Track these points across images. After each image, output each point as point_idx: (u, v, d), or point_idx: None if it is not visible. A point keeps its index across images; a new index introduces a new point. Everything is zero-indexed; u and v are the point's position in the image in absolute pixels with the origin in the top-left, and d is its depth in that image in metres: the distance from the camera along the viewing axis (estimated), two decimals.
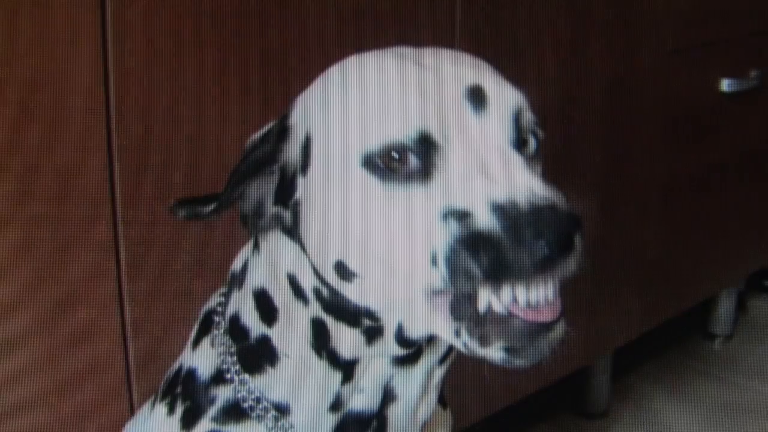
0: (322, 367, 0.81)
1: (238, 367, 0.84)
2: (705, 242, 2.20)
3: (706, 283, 2.30)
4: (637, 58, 1.87)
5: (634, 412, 2.16)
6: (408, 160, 0.71)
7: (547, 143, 0.79)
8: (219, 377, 0.86)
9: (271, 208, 0.79)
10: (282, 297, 0.81)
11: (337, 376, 0.81)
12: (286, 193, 0.78)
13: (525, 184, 0.68)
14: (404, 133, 0.70)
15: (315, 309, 0.79)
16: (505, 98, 0.74)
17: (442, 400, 0.94)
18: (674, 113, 1.99)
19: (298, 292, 0.80)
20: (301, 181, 0.77)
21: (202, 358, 0.88)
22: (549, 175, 0.75)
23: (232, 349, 0.85)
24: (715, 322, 2.51)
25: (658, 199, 2.03)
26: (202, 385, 0.86)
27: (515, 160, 0.71)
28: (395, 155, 0.70)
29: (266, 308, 0.83)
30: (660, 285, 2.10)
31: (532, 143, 0.76)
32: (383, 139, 0.71)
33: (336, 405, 0.82)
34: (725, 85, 2.08)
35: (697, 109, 2.06)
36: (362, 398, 0.83)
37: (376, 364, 0.81)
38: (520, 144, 0.74)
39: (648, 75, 1.90)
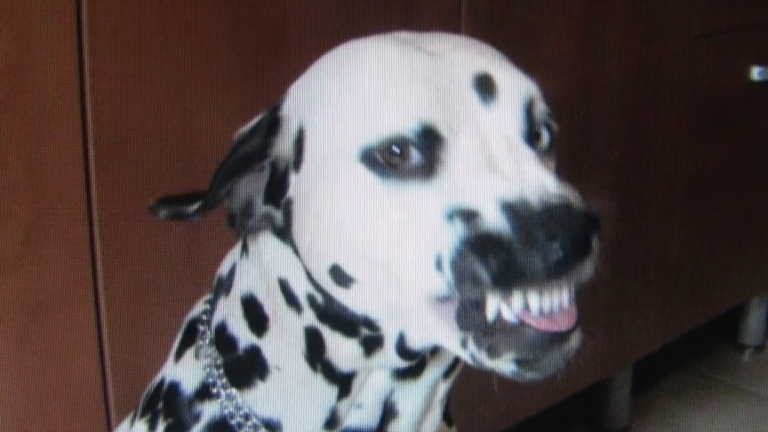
0: (317, 381, 0.81)
1: (224, 380, 0.84)
2: (734, 244, 2.20)
3: (736, 290, 2.30)
4: (660, 43, 1.87)
5: (657, 429, 2.17)
6: (410, 155, 0.71)
7: (562, 136, 0.79)
8: (204, 392, 0.86)
9: (261, 208, 0.79)
10: (273, 304, 0.81)
11: (333, 391, 0.81)
12: (277, 190, 0.78)
13: (538, 181, 0.68)
14: (406, 125, 0.71)
15: (309, 317, 0.79)
16: (516, 87, 0.74)
17: (448, 417, 0.94)
18: (701, 104, 1.99)
19: (291, 299, 0.80)
20: (293, 178, 0.77)
21: (186, 371, 0.88)
22: (564, 172, 0.75)
23: (219, 362, 0.85)
24: (745, 331, 2.51)
25: (683, 198, 2.03)
26: (185, 400, 0.86)
27: (527, 154, 0.71)
28: (396, 150, 0.71)
29: (256, 317, 0.83)
30: (685, 291, 2.10)
31: (545, 137, 0.76)
32: (383, 132, 0.71)
33: (332, 422, 0.83)
34: (756, 73, 2.08)
35: (726, 99, 2.06)
36: (360, 414, 0.83)
37: (375, 378, 0.81)
38: (532, 137, 0.74)
39: (672, 62, 1.90)
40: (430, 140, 0.71)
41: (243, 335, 0.84)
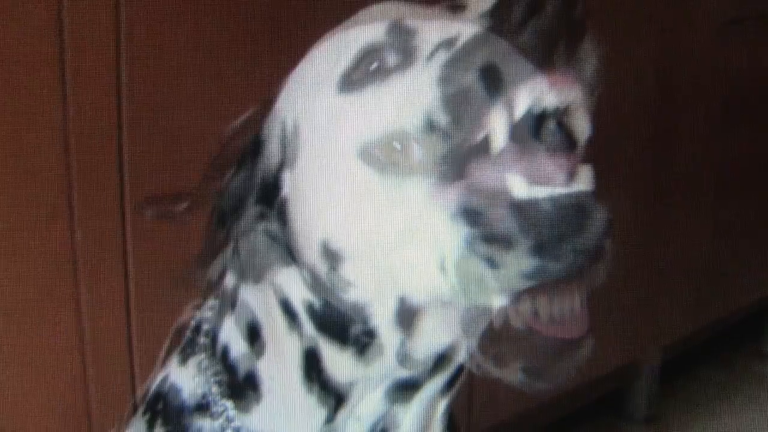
0: (313, 398, 0.81)
1: (224, 398, 0.85)
2: (763, 242, 2.20)
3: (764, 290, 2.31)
4: (686, 30, 1.87)
5: (685, 416, 2.16)
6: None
7: None
8: (202, 406, 0.86)
9: (254, 207, 0.80)
10: (268, 314, 0.82)
11: (331, 404, 0.82)
12: (271, 189, 0.79)
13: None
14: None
15: (307, 329, 0.80)
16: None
17: (452, 428, 0.94)
18: (730, 93, 1.99)
19: (287, 309, 0.80)
20: (288, 176, 0.78)
21: (187, 380, 0.88)
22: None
23: (219, 378, 0.86)
24: None
25: (710, 193, 2.02)
26: (185, 410, 0.87)
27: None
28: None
29: (254, 335, 0.83)
30: (708, 291, 2.11)
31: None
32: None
33: None
34: None
35: (757, 89, 2.05)
36: (358, 429, 0.83)
37: (370, 396, 0.81)
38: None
39: (700, 49, 1.90)
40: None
41: (241, 353, 0.84)
